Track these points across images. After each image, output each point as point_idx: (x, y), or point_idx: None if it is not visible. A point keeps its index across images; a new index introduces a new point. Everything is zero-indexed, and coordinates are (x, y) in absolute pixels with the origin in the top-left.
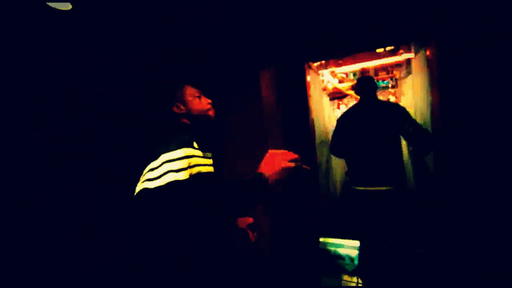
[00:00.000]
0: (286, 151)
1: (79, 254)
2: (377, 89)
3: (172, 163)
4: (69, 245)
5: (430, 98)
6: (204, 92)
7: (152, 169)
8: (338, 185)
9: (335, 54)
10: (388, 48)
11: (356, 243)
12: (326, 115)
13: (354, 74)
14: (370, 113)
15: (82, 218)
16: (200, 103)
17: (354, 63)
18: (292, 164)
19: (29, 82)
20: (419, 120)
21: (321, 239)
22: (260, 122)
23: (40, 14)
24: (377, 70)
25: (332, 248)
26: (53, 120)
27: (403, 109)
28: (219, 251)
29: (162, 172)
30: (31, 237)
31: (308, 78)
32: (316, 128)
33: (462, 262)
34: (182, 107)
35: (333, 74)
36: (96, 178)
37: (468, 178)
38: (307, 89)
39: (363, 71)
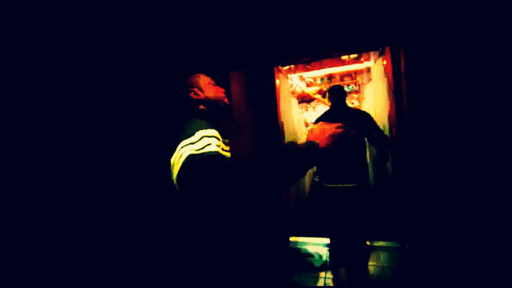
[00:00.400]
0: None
1: (80, 253)
2: (346, 96)
3: (210, 138)
4: (69, 245)
5: (387, 104)
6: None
7: (192, 143)
8: (307, 185)
9: (303, 59)
10: (352, 56)
11: (325, 240)
12: (295, 117)
13: (322, 79)
14: (341, 119)
15: (82, 217)
16: (216, 90)
17: (322, 68)
18: (338, 131)
19: (29, 82)
20: (378, 124)
21: (292, 239)
22: (231, 122)
23: (39, 12)
24: (342, 75)
25: (302, 247)
26: (53, 120)
27: (369, 116)
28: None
29: (204, 144)
30: (31, 236)
31: (277, 81)
32: (285, 130)
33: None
34: (199, 92)
35: (301, 78)
36: (96, 178)
37: (421, 178)
38: (276, 92)
39: (330, 76)
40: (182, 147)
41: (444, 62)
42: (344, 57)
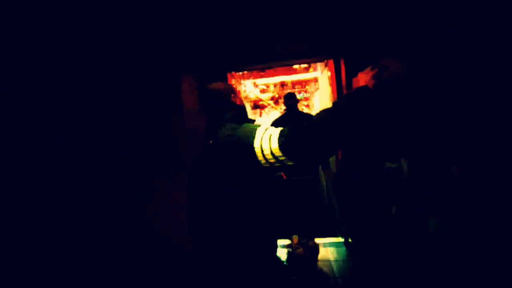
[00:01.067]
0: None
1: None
2: (298, 102)
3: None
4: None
5: None
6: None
7: (267, 128)
8: None
9: (254, 66)
10: (302, 66)
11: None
12: None
13: (275, 86)
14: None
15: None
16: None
17: (275, 75)
18: (376, 70)
19: (25, 81)
20: None
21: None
22: (182, 127)
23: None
24: (294, 83)
25: None
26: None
27: None
28: None
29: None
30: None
31: None
32: None
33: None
34: (236, 98)
35: (255, 84)
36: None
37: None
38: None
39: (283, 84)
40: (263, 132)
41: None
42: (296, 67)
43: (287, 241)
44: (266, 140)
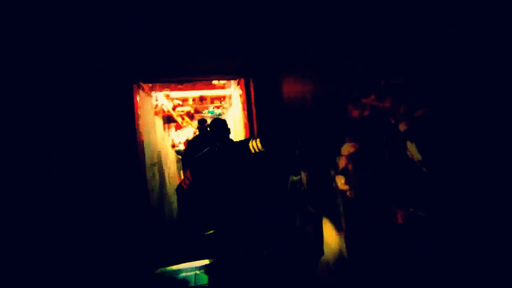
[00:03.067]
0: None
1: None
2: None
3: None
4: None
5: (243, 126)
6: None
7: None
8: (175, 206)
9: (162, 79)
10: (222, 82)
11: (200, 263)
12: (159, 136)
13: (194, 100)
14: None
15: None
16: None
17: (193, 89)
18: None
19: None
20: None
21: (159, 270)
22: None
23: None
24: (212, 98)
25: (174, 276)
26: None
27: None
28: None
29: None
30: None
31: (138, 98)
32: (147, 150)
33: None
34: None
35: (167, 97)
36: None
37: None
38: (135, 110)
39: (202, 98)
40: None
41: (283, 94)
42: (215, 82)
43: None
44: None
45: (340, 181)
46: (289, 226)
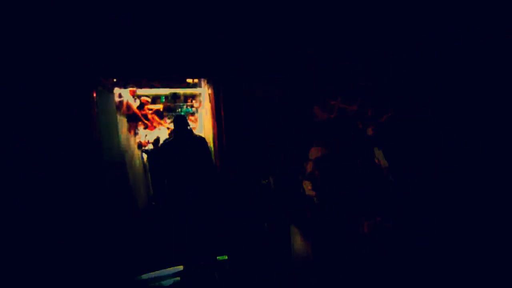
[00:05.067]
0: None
1: None
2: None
3: None
4: None
5: (212, 125)
6: None
7: None
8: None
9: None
10: (196, 80)
11: (177, 269)
12: (124, 136)
13: (166, 97)
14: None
15: None
16: None
17: (166, 87)
18: None
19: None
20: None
21: (139, 277)
22: None
23: None
24: (186, 96)
25: (152, 283)
26: None
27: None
28: None
29: None
30: None
31: (95, 95)
32: (106, 150)
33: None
34: None
35: (131, 93)
36: None
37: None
38: (93, 107)
39: (175, 96)
40: None
41: (254, 95)
42: (189, 80)
43: None
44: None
45: (307, 187)
46: (257, 229)
